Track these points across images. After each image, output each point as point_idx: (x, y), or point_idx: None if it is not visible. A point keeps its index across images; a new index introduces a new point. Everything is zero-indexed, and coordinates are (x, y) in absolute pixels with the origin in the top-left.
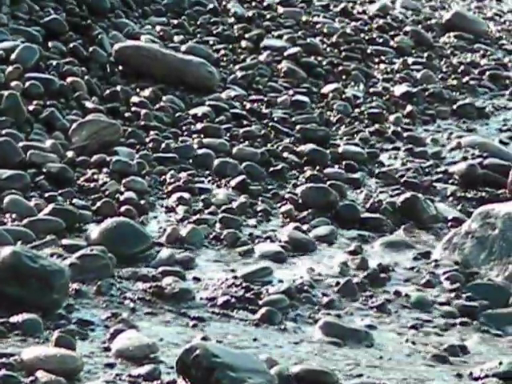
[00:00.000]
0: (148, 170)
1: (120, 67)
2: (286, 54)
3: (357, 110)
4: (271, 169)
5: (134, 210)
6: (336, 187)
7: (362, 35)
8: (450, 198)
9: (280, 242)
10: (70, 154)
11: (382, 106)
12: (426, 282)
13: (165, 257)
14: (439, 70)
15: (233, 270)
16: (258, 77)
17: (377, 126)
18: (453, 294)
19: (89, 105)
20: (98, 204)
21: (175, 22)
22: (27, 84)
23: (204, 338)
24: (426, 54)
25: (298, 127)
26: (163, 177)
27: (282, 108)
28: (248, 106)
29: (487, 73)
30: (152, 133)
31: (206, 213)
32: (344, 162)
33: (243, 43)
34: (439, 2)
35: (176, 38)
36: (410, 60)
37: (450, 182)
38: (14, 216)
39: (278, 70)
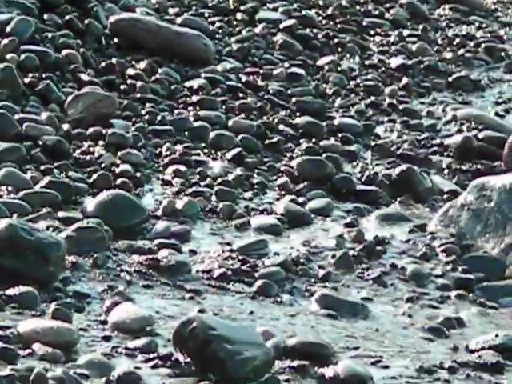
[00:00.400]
0: (144, 143)
1: (115, 40)
2: (281, 26)
3: (352, 83)
4: (267, 141)
5: (130, 183)
6: (332, 160)
7: (358, 7)
8: (446, 171)
9: (276, 214)
10: (65, 126)
11: (378, 78)
12: (421, 254)
13: (161, 229)
14: (435, 42)
15: (229, 243)
16: (254, 49)
17: (372, 98)
18: (449, 267)
19: (84, 77)
20: (94, 177)
21: None
22: (23, 56)
23: (200, 311)
24: (421, 27)
25: (293, 100)
26: (159, 149)
27: (277, 80)
28: (244, 78)
29: (483, 45)
30: (148, 105)
31: (201, 185)
32: (340, 135)
33: (238, 15)
34: None
35: (171, 11)
36: (406, 32)
37: (446, 154)
38: (9, 189)
39: (273, 43)
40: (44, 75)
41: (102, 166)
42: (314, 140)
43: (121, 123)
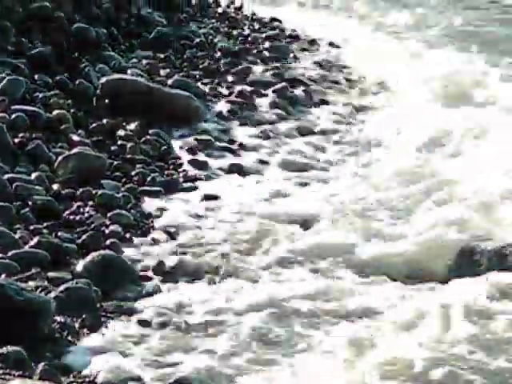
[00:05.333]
0: (133, 203)
1: (106, 100)
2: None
3: None
4: None
5: (120, 244)
6: None
7: None
8: None
9: None
10: (55, 186)
11: None
12: None
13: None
14: None
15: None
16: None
17: None
18: None
19: (75, 138)
20: (84, 237)
21: (162, 55)
22: (13, 116)
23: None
24: None
25: None
26: (149, 210)
27: None
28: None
29: None
30: (138, 166)
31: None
32: None
33: (229, 77)
34: None
35: (162, 72)
36: None
37: None
38: None
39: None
40: (34, 135)
41: (92, 226)
42: None
43: (111, 184)
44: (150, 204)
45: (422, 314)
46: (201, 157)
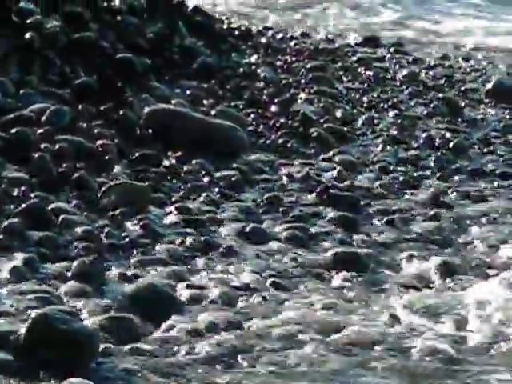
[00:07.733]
0: None
1: (150, 130)
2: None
3: None
4: None
5: None
6: None
7: None
8: None
9: None
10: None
11: None
12: None
13: None
14: None
15: None
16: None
17: None
18: None
19: (118, 168)
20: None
21: (205, 85)
22: (57, 146)
23: None
24: None
25: None
26: None
27: None
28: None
29: None
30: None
31: None
32: None
33: (273, 107)
34: None
35: (206, 102)
36: None
37: None
38: None
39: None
40: (78, 165)
41: None
42: None
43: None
44: None
45: None
46: None
